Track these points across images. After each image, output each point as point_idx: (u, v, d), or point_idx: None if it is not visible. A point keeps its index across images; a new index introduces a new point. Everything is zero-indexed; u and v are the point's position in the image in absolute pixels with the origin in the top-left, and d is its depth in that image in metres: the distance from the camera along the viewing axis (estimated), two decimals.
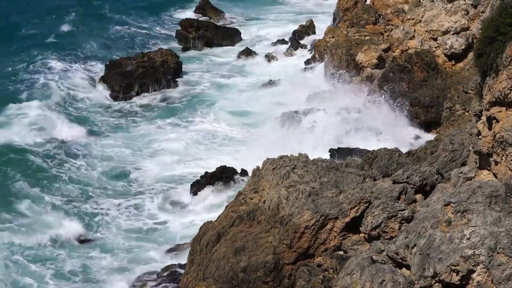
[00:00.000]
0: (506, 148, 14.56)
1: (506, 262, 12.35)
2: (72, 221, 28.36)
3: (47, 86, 44.62)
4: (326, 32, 46.81)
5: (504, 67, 14.38)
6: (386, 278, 13.84)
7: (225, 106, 42.78)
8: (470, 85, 31.70)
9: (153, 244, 27.37)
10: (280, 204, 18.55)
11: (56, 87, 44.36)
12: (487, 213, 13.08)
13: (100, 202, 30.52)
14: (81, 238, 27.48)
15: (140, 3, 68.04)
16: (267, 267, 17.48)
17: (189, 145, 36.86)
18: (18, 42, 53.84)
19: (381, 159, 21.35)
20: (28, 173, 32.69)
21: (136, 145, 36.99)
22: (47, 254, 26.28)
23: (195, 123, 40.25)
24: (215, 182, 30.66)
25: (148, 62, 46.87)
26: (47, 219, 28.43)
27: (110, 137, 38.25)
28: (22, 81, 45.95)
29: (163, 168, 34.05)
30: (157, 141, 37.36)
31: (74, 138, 37.24)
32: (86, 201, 30.55)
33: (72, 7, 63.26)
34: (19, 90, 44.23)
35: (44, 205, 29.67)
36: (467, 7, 37.36)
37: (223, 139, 37.78)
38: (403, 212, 16.72)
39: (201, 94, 45.35)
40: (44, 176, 32.55)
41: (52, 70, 47.58)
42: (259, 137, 36.57)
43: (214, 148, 36.56)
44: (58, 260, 25.79)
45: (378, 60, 40.06)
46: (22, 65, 48.61)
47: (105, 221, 28.91)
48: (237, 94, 44.85)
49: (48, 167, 33.50)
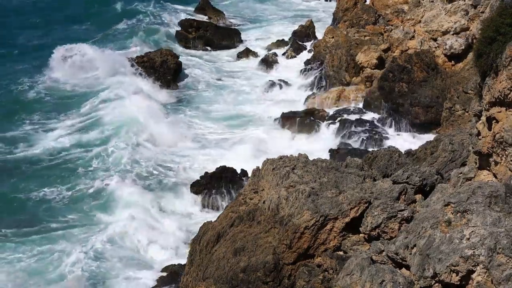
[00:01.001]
0: (506, 148, 14.57)
1: (506, 263, 12.35)
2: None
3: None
4: (325, 33, 46.86)
5: (504, 67, 14.37)
6: (386, 279, 13.84)
7: (225, 105, 42.81)
8: (470, 85, 31.74)
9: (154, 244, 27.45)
10: (280, 205, 18.55)
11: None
12: (487, 214, 13.08)
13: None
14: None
15: (141, 2, 68.15)
16: (267, 268, 17.48)
17: (188, 144, 36.88)
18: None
19: (381, 160, 21.36)
20: None
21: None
22: None
23: (195, 123, 40.27)
24: (215, 182, 30.70)
25: (148, 62, 46.96)
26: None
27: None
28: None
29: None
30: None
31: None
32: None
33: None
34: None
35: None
36: (467, 8, 37.40)
37: (223, 138, 37.78)
38: (403, 212, 16.72)
39: (201, 94, 45.40)
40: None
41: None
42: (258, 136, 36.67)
43: (213, 148, 36.54)
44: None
45: (378, 61, 40.11)
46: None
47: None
48: (237, 94, 44.86)
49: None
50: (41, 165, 34.02)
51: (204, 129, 39.37)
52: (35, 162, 34.32)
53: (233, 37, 56.60)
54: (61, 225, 28.35)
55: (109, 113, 39.73)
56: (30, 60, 50.17)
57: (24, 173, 33.09)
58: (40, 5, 67.91)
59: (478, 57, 15.52)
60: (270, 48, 53.64)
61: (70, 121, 39.63)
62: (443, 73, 36.61)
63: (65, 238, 27.15)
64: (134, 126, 37.81)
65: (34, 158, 34.74)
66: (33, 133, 37.85)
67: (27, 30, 58.76)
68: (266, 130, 37.92)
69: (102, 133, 37.57)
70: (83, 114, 40.69)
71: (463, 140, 21.39)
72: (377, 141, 34.66)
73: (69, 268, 25.04)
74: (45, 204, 30.10)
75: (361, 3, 48.34)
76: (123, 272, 25.24)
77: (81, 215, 29.35)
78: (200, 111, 42.37)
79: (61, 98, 43.65)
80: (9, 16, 63.56)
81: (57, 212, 29.42)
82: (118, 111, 39.92)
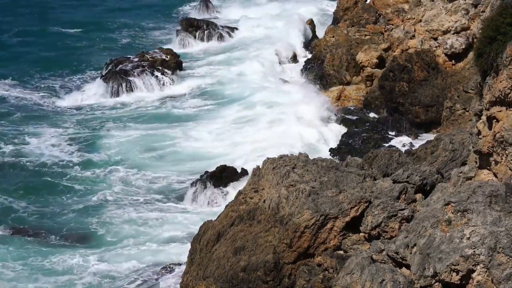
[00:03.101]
0: (506, 148, 14.56)
1: (506, 262, 12.35)
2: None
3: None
4: (326, 32, 46.83)
5: (504, 66, 14.37)
6: (386, 278, 13.84)
7: (225, 104, 42.79)
8: (470, 84, 31.72)
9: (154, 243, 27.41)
10: (280, 204, 18.54)
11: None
12: (487, 213, 13.08)
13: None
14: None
15: (140, 2, 68.15)
16: (267, 267, 17.48)
17: (188, 143, 36.87)
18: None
19: (381, 159, 21.34)
20: None
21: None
22: None
23: (194, 122, 40.26)
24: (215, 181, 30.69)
25: (149, 61, 46.96)
26: None
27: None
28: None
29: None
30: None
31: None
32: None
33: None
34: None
35: None
36: (467, 7, 37.36)
37: (222, 137, 37.74)
38: (403, 211, 16.72)
39: (201, 93, 45.37)
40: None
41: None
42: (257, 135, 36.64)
43: (212, 147, 36.51)
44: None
45: (378, 60, 40.08)
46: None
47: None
48: (237, 93, 44.81)
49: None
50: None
51: (205, 128, 39.32)
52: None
53: (234, 36, 56.60)
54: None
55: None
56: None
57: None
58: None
59: (479, 56, 15.52)
60: (270, 46, 53.52)
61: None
62: (443, 73, 36.58)
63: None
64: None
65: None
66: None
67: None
68: (266, 129, 37.84)
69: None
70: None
71: (463, 139, 21.37)
72: (377, 140, 34.64)
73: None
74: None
75: (362, 2, 48.25)
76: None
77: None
78: (200, 110, 42.38)
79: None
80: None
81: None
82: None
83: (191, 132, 38.12)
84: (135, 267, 25.17)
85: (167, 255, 25.96)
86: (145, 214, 29.12)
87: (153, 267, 25.18)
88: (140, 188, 31.70)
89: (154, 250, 26.41)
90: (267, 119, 38.61)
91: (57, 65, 50.03)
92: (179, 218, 28.86)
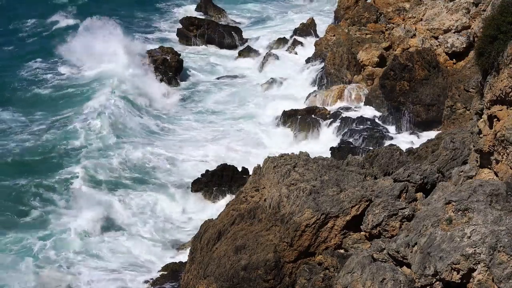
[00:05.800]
0: (507, 147, 14.56)
1: (507, 261, 12.34)
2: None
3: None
4: (327, 31, 46.83)
5: (505, 65, 14.37)
6: (387, 277, 13.84)
7: (225, 103, 42.81)
8: (471, 83, 31.68)
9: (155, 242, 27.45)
10: (281, 203, 18.54)
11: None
12: (488, 212, 13.07)
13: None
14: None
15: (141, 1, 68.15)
16: (268, 265, 17.48)
17: (187, 144, 36.90)
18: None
19: (382, 158, 21.35)
20: None
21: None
22: None
23: (194, 122, 40.31)
24: (216, 180, 30.72)
25: (149, 60, 47.03)
26: None
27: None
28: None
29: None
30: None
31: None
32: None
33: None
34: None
35: None
36: (468, 6, 37.37)
37: (222, 137, 37.78)
38: (404, 210, 16.72)
39: (202, 92, 45.41)
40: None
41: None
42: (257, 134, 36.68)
43: (212, 146, 36.53)
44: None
45: (379, 59, 40.08)
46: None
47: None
48: (237, 92, 44.86)
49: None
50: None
51: (204, 128, 39.37)
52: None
53: (235, 35, 56.56)
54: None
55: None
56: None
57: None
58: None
59: (480, 55, 15.51)
60: (271, 46, 53.57)
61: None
62: (444, 72, 36.58)
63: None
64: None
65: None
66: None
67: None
68: (266, 129, 37.89)
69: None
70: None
71: (464, 138, 21.36)
72: (378, 139, 34.64)
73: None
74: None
75: (363, 1, 48.27)
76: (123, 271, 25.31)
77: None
78: (200, 109, 42.39)
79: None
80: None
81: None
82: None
83: None
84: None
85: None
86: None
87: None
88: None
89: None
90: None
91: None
92: None
